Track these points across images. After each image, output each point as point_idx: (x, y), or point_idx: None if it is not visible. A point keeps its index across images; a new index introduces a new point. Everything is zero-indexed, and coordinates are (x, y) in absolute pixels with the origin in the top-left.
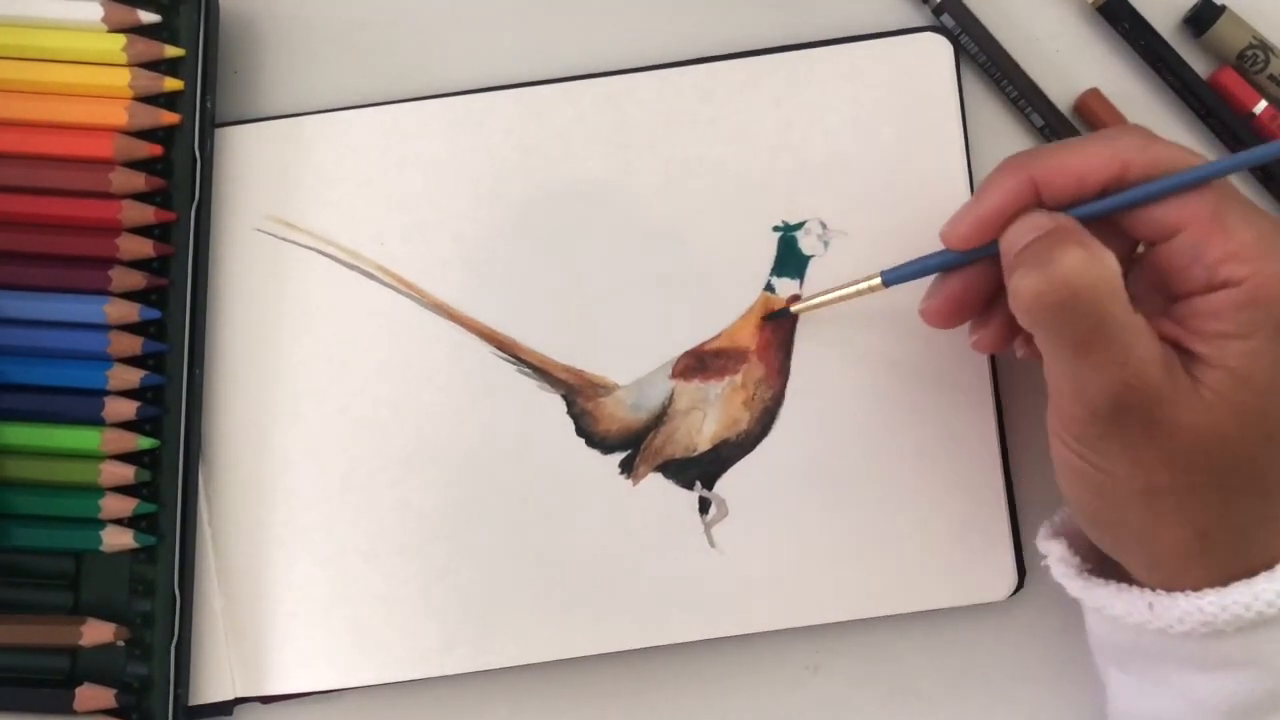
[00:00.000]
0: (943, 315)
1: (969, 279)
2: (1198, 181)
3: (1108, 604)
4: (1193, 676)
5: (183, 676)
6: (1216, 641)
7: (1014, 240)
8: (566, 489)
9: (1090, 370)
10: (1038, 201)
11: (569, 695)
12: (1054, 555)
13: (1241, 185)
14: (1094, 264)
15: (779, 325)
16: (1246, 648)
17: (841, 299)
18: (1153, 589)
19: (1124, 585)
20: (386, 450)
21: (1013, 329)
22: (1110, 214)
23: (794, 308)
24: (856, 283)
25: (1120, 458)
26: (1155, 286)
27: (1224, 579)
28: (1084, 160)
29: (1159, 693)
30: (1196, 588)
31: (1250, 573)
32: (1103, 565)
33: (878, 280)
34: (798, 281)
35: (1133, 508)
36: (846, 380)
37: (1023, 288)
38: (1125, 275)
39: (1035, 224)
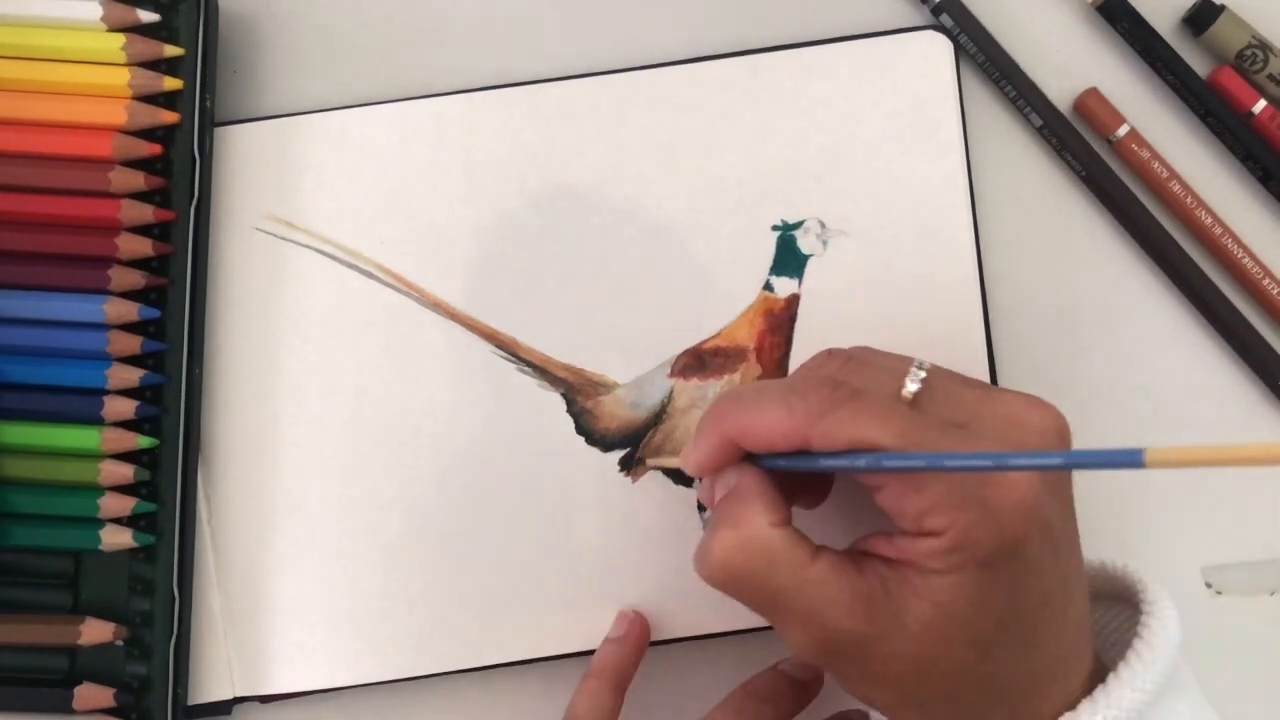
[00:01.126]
0: (708, 501)
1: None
2: (875, 471)
3: None
4: None
5: (182, 676)
6: None
7: (716, 494)
8: (566, 487)
9: (781, 628)
10: (743, 452)
11: (568, 694)
12: None
13: (1242, 185)
14: (742, 543)
15: (777, 324)
16: None
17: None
18: None
19: None
20: (386, 449)
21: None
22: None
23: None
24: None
25: (847, 681)
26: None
27: None
28: (768, 429)
29: None
30: None
31: None
32: None
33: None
34: (796, 280)
35: (880, 706)
36: None
37: (697, 571)
38: None
39: (724, 483)
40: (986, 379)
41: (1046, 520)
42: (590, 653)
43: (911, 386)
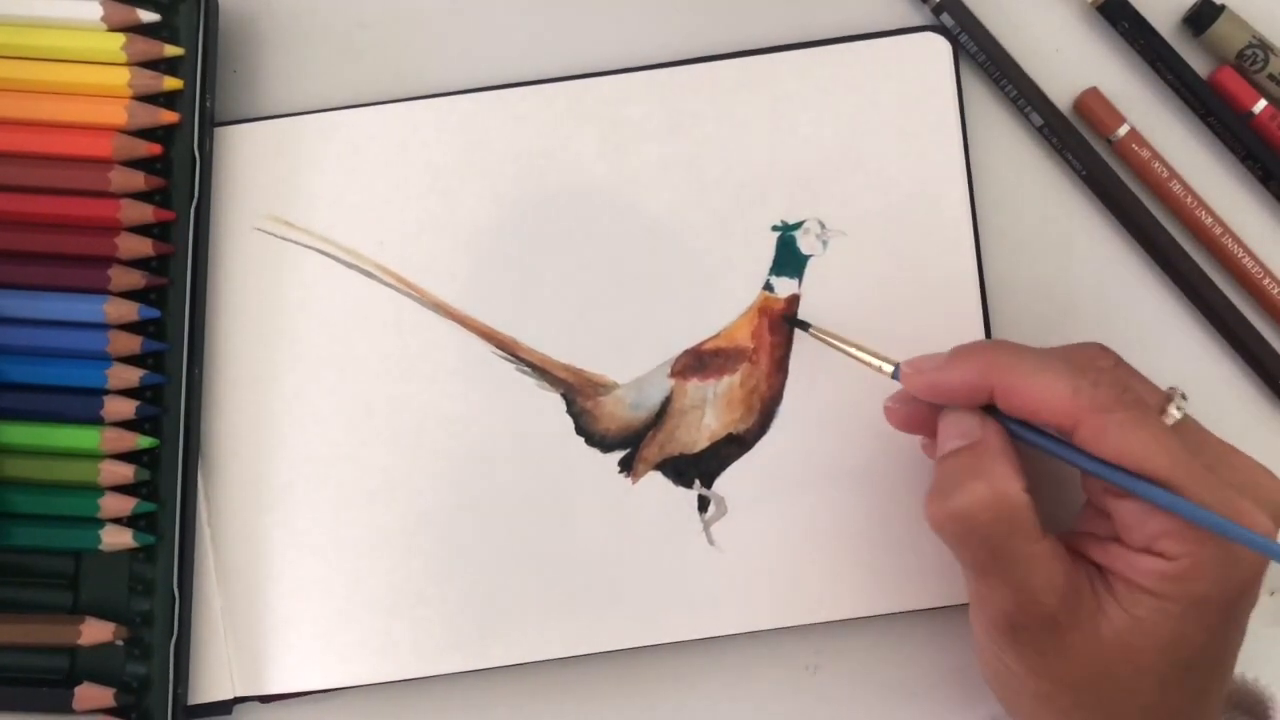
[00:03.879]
0: (902, 422)
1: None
2: (1155, 501)
3: None
4: None
5: (182, 676)
6: None
7: (942, 439)
8: (566, 488)
9: (987, 590)
10: (990, 399)
11: (569, 694)
12: None
13: (1242, 185)
14: (993, 500)
15: (778, 325)
16: None
17: (850, 354)
18: None
19: None
20: (386, 449)
21: None
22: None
23: (812, 331)
24: (873, 357)
25: (1017, 662)
26: (1102, 513)
27: None
28: (1042, 400)
29: None
30: None
31: None
32: None
33: (890, 369)
34: (796, 281)
35: (1026, 703)
36: (844, 379)
37: (928, 512)
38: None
39: (962, 430)
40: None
41: (1254, 589)
42: (589, 655)
43: (1175, 414)
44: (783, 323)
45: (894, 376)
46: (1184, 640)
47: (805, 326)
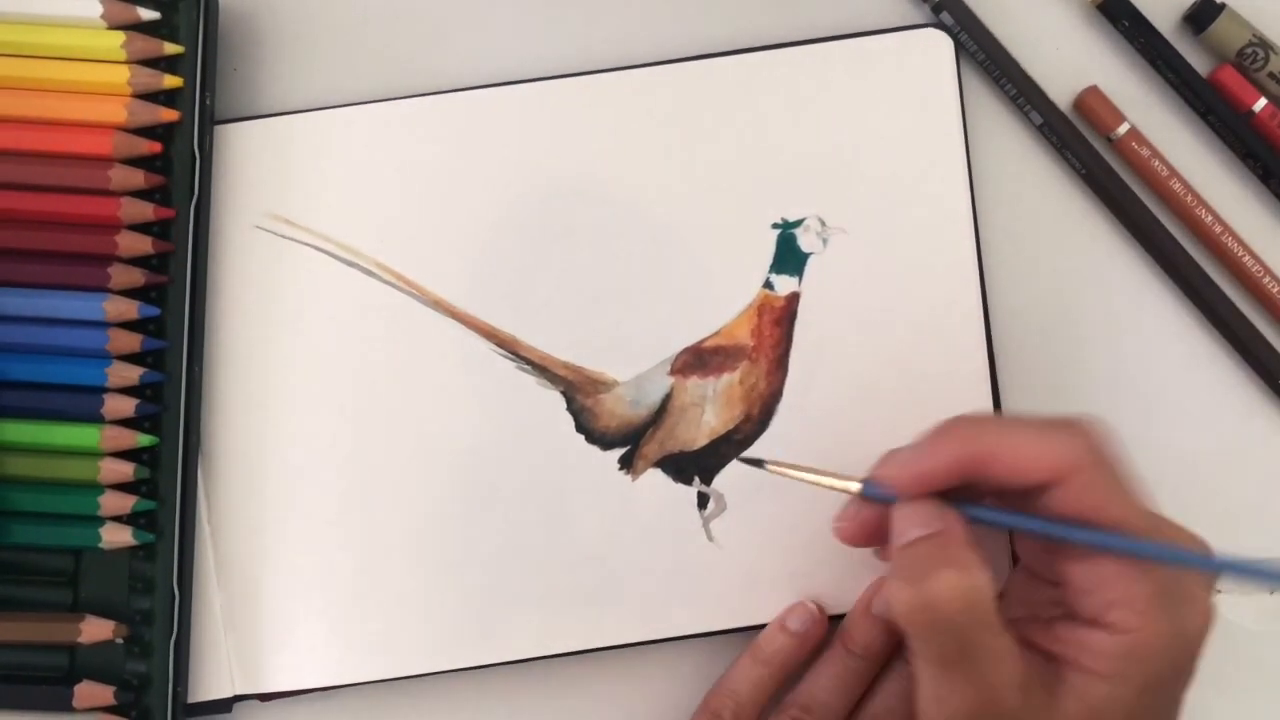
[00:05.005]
0: (854, 535)
1: (886, 516)
2: (1133, 555)
3: None
4: None
5: (182, 674)
6: None
7: (899, 529)
8: (566, 485)
9: (948, 690)
10: (974, 475)
11: (568, 691)
12: None
13: (1242, 183)
14: (965, 589)
15: (777, 322)
16: None
17: (814, 483)
18: None
19: None
20: (386, 447)
21: None
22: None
23: (769, 467)
24: (835, 479)
25: None
26: (1050, 596)
27: None
28: (1028, 457)
29: None
30: None
31: None
32: None
33: (857, 487)
34: (796, 279)
35: None
36: (844, 376)
37: (895, 599)
38: (1016, 562)
39: (921, 519)
40: (986, 377)
41: (1196, 665)
42: (589, 650)
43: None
44: (783, 320)
45: (864, 495)
46: (1133, 714)
47: (760, 464)
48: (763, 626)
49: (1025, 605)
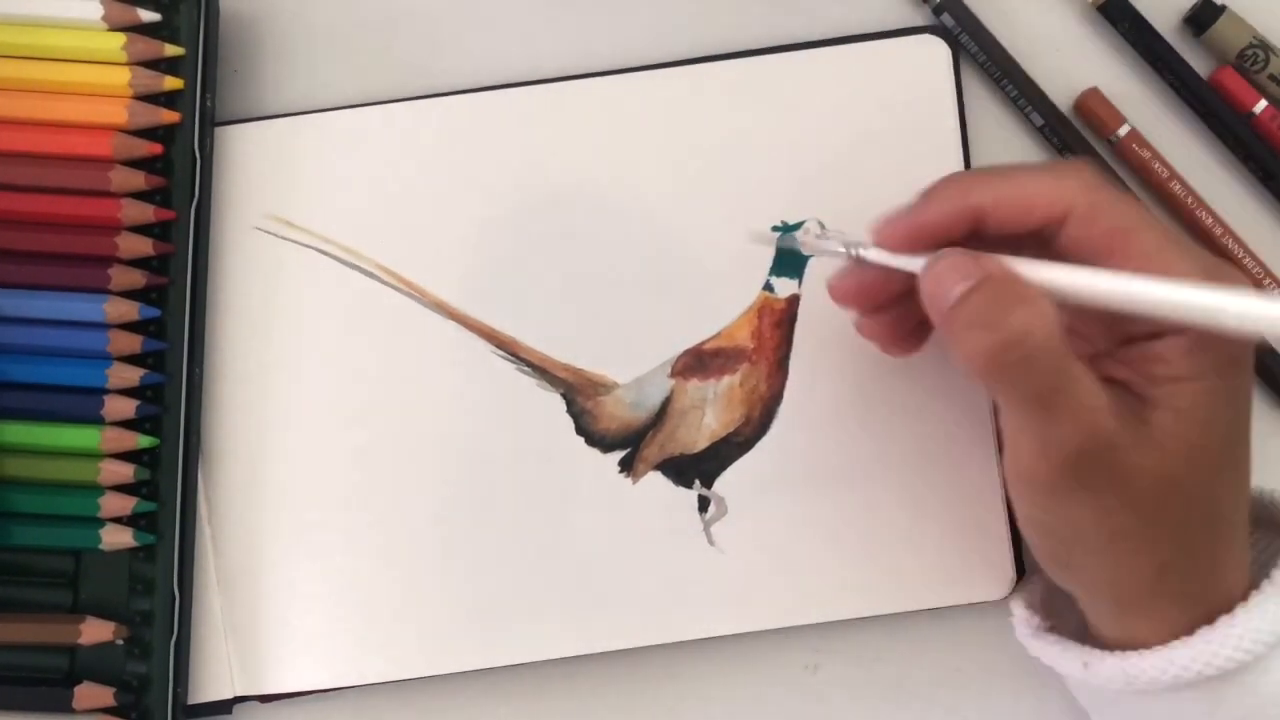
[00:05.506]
0: (847, 293)
1: (886, 277)
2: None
3: (1053, 661)
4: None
5: (182, 675)
6: (1168, 696)
7: (942, 289)
8: (566, 487)
9: (1053, 425)
10: (975, 227)
11: (568, 694)
12: (1016, 615)
13: (1243, 185)
14: (1045, 319)
15: (778, 325)
16: (1184, 709)
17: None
18: (1092, 646)
19: (1068, 643)
20: (385, 449)
21: (896, 331)
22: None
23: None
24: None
25: (1084, 507)
26: (1102, 325)
27: (1173, 629)
28: (1029, 194)
29: None
30: (1144, 640)
31: (1196, 623)
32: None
33: (842, 249)
34: (796, 281)
35: (1094, 552)
36: (845, 379)
37: (976, 349)
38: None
39: (964, 271)
40: None
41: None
42: (589, 655)
43: None
44: (783, 323)
45: (852, 256)
46: (1221, 415)
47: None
48: (763, 630)
49: (1083, 341)
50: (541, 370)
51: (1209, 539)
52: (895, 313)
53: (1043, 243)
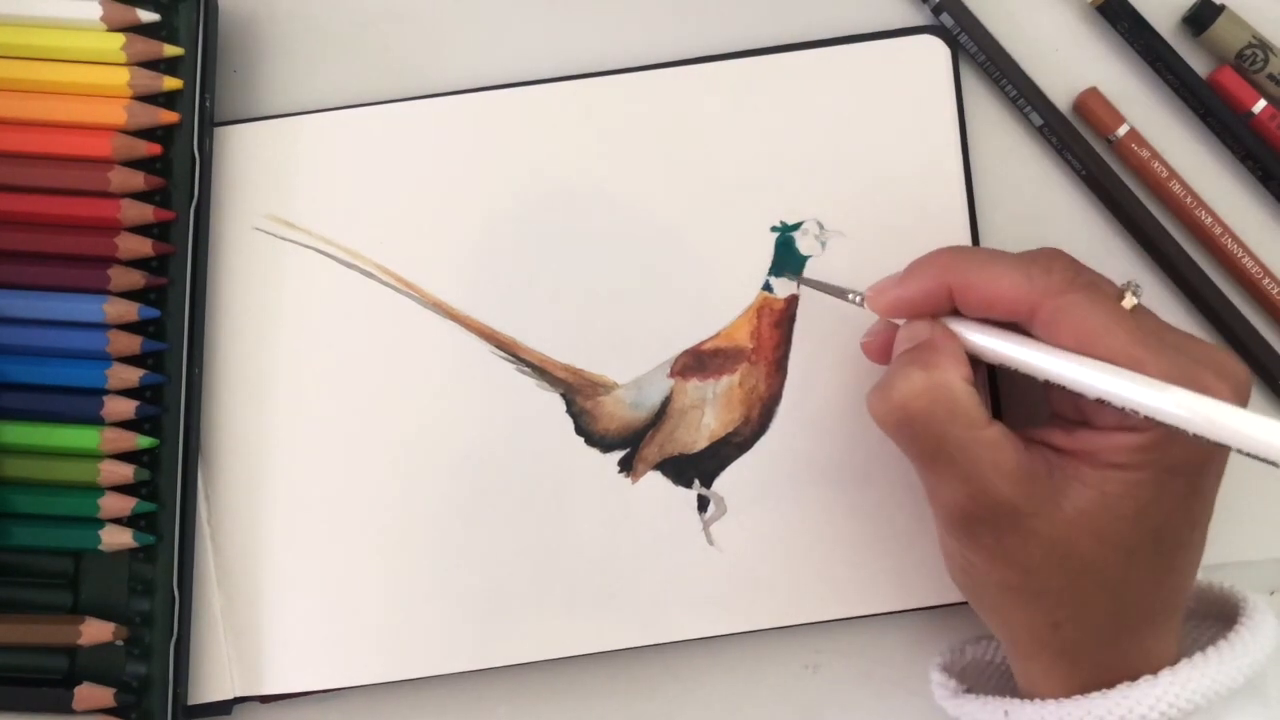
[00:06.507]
0: (878, 353)
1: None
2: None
3: (974, 717)
4: None
5: (182, 676)
6: None
7: (895, 348)
8: (565, 487)
9: (937, 482)
10: (953, 304)
11: (568, 694)
12: (935, 681)
13: (1242, 185)
14: (928, 387)
15: (777, 325)
16: None
17: (827, 291)
18: (1015, 697)
19: (987, 698)
20: (386, 449)
21: None
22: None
23: (801, 282)
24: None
25: (977, 553)
26: (1071, 403)
27: (1085, 686)
28: (998, 290)
29: None
30: (1059, 693)
31: (1109, 684)
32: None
33: (858, 299)
34: (795, 281)
35: (991, 595)
36: (844, 378)
37: (871, 408)
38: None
39: (912, 334)
40: (985, 380)
41: (1224, 459)
42: (589, 654)
43: (1132, 300)
44: (783, 323)
45: (853, 302)
46: (1153, 509)
47: (798, 279)
48: (763, 631)
49: (1057, 405)
50: (541, 370)
51: (1114, 614)
52: None
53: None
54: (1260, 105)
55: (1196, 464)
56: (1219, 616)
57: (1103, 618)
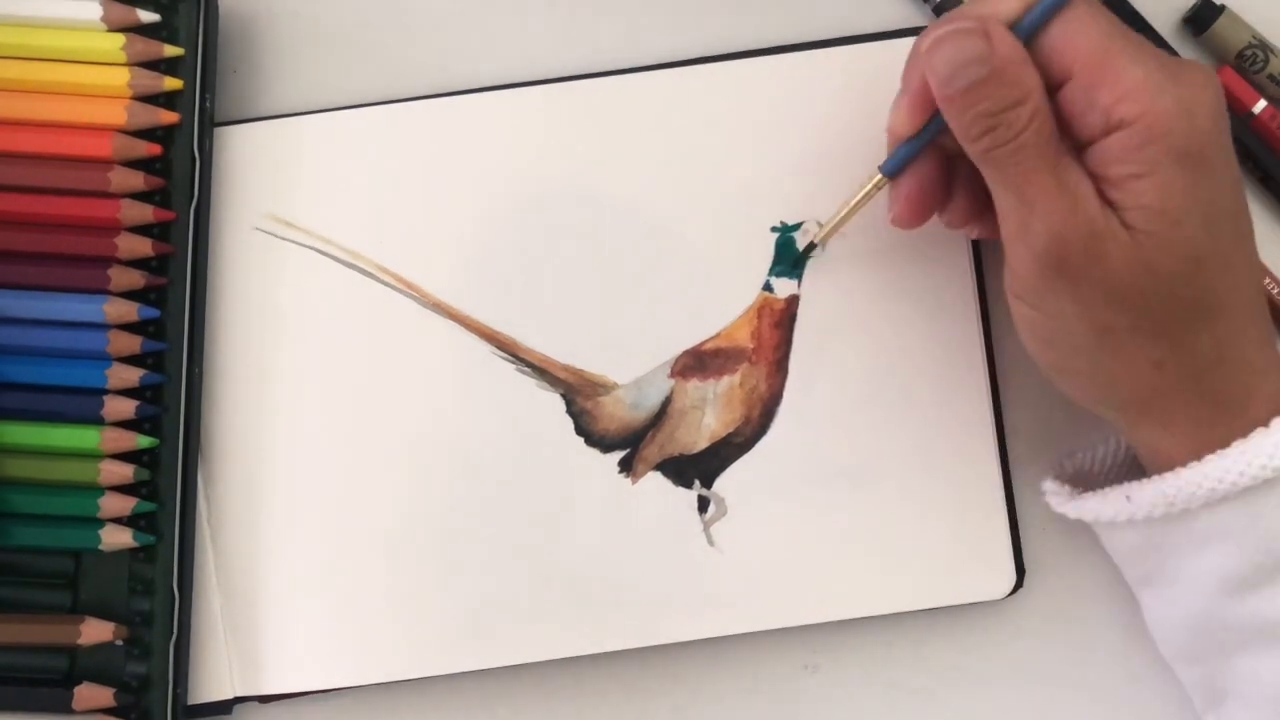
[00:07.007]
0: (911, 215)
1: (919, 175)
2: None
3: (1096, 511)
4: (1190, 560)
5: (181, 675)
6: (1205, 514)
7: (949, 70)
8: (566, 488)
9: (1039, 204)
10: None
11: (568, 695)
12: (1049, 490)
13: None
14: (1032, 109)
15: (777, 325)
16: (1225, 521)
17: (855, 209)
18: (1131, 480)
19: (1106, 490)
20: (385, 449)
21: (975, 203)
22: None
23: (816, 239)
24: (863, 189)
25: (1067, 302)
26: (1065, 136)
27: (1201, 445)
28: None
29: (1175, 594)
30: (1179, 457)
31: (1223, 437)
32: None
33: (880, 177)
34: (795, 281)
35: (1087, 350)
36: (844, 379)
37: (977, 140)
38: None
39: (972, 55)
40: (984, 380)
41: (1227, 137)
42: (589, 655)
43: None
44: (783, 323)
45: (886, 175)
46: (1191, 205)
47: (812, 247)
48: (763, 630)
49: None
50: (541, 371)
51: (1208, 335)
52: (958, 198)
53: None
54: (1260, 105)
55: (1202, 142)
56: None
57: (1201, 344)
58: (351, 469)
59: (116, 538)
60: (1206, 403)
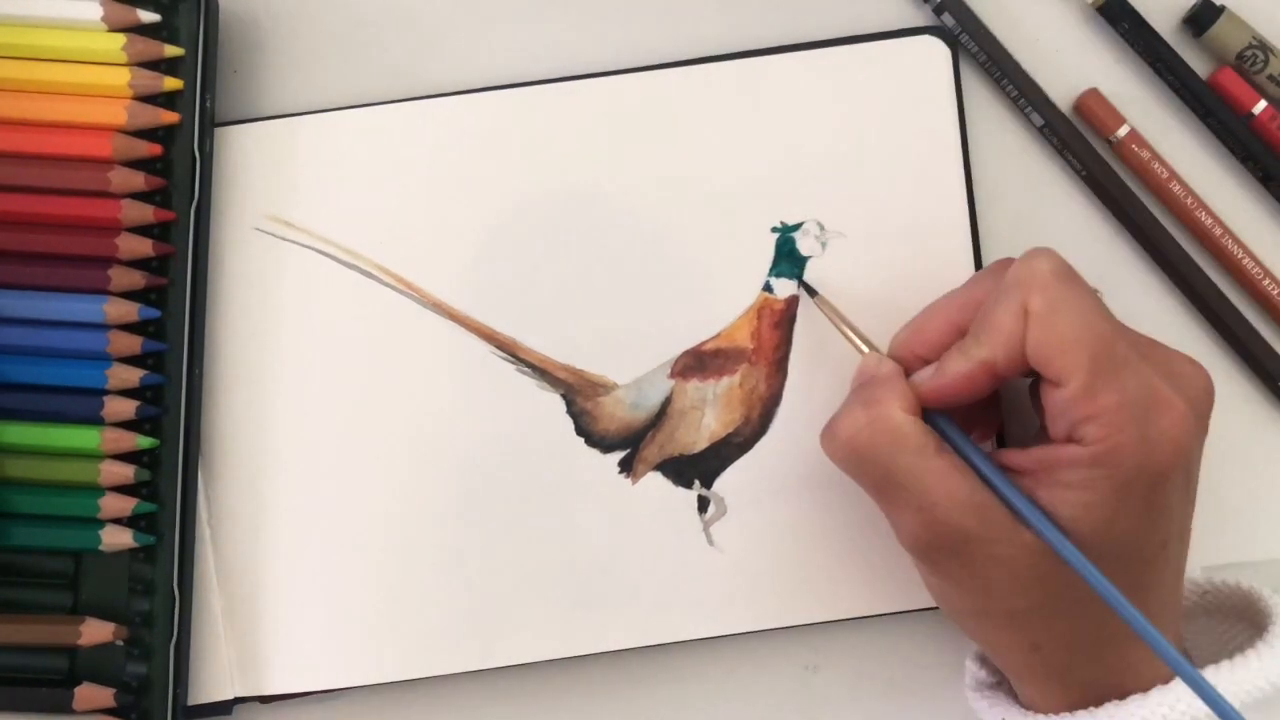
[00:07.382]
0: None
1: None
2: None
3: (982, 714)
4: None
5: (182, 676)
6: None
7: (851, 383)
8: (566, 488)
9: (893, 513)
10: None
11: (568, 694)
12: (967, 668)
13: (1242, 186)
14: (869, 421)
15: (777, 325)
16: None
17: (846, 336)
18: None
19: (997, 699)
20: (386, 450)
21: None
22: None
23: (817, 300)
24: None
25: (945, 581)
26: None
27: (1077, 704)
28: (931, 334)
29: None
30: (1052, 710)
31: (1099, 701)
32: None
33: (866, 350)
34: (795, 282)
35: (969, 620)
36: (844, 379)
37: (822, 446)
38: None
39: (863, 369)
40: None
41: (1190, 464)
42: (589, 655)
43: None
44: (783, 323)
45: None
46: (1111, 529)
47: (813, 293)
48: (763, 630)
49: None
50: (541, 371)
51: (1092, 632)
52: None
53: None
54: (1260, 106)
55: (1150, 480)
56: (1241, 617)
57: (1081, 636)
58: (351, 469)
59: (117, 538)
60: (1083, 681)
